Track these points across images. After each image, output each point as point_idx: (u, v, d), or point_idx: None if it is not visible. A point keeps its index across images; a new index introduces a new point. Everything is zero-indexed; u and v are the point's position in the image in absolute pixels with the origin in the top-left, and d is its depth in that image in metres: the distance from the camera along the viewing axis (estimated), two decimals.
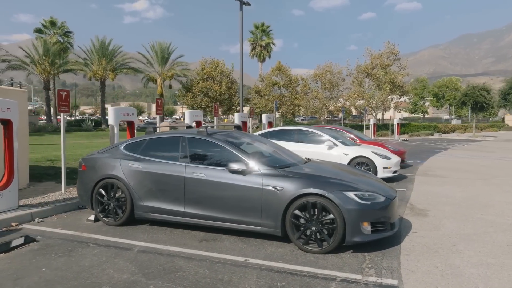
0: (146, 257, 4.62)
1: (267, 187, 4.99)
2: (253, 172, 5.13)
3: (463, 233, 5.69)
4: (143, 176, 5.69)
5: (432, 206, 7.46)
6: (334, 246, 4.71)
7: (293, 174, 5.10)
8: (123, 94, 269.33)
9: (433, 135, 37.38)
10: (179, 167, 5.50)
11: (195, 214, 5.38)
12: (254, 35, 50.24)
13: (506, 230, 5.88)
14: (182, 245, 5.08)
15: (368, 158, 10.02)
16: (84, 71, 42.27)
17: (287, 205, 4.87)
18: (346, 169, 6.05)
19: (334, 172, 5.60)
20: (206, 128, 5.76)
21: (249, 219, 5.09)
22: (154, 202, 5.63)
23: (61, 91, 7.46)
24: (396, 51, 36.50)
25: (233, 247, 5.00)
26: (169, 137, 5.96)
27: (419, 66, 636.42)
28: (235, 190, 5.15)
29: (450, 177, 11.22)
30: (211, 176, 5.30)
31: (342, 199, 4.69)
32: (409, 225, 6.11)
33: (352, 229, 4.65)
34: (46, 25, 44.48)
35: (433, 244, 5.20)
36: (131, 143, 6.11)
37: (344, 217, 4.64)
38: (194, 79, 44.50)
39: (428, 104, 59.12)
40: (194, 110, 11.57)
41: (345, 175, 5.47)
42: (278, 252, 4.85)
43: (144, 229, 5.75)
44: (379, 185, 5.44)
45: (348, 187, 4.87)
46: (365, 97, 36.45)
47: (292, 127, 12.05)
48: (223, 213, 5.22)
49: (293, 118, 48.80)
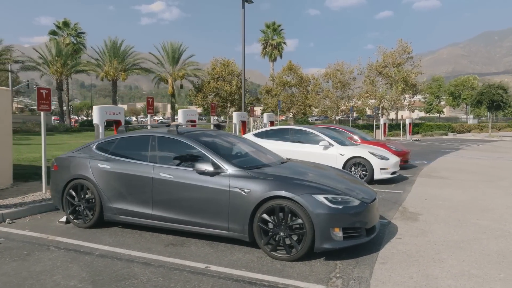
0: (103, 262, 4.39)
1: (234, 189, 4.70)
2: (221, 173, 4.84)
3: (451, 240, 5.28)
4: (112, 177, 5.47)
5: (426, 209, 7.04)
6: (302, 253, 4.38)
7: (262, 175, 4.79)
8: (139, 95, 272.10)
9: (447, 135, 36.40)
10: (147, 168, 5.26)
11: (163, 217, 5.13)
12: (265, 35, 49.94)
13: (499, 237, 5.44)
14: (146, 249, 4.83)
15: (364, 158, 9.61)
16: (96, 72, 42.65)
17: (254, 208, 4.57)
18: (325, 171, 5.69)
19: (308, 173, 5.26)
20: (176, 127, 5.49)
21: (217, 223, 4.81)
22: (122, 203, 5.40)
23: (42, 90, 7.32)
24: (409, 49, 35.62)
25: (199, 253, 4.73)
26: (139, 136, 5.72)
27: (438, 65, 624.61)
28: (202, 192, 4.87)
29: (453, 178, 10.71)
30: (179, 177, 5.03)
31: (311, 203, 4.36)
32: (394, 230, 5.73)
33: (321, 235, 4.32)
34: (60, 26, 45.11)
35: (415, 251, 4.81)
36: (102, 143, 5.90)
37: (312, 222, 4.31)
38: (204, 79, 44.48)
39: (444, 104, 57.61)
40: (188, 109, 11.36)
41: (320, 177, 5.13)
42: (245, 258, 4.55)
43: (113, 232, 5.53)
44: (358, 188, 5.09)
45: (319, 189, 4.53)
46: (377, 96, 35.69)
47: (288, 126, 11.71)
48: (190, 216, 4.95)
49: (305, 117, 48.26)
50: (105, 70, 41.82)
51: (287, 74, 44.72)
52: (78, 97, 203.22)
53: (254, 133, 11.26)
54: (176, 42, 45.40)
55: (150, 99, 10.01)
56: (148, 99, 9.97)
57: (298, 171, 5.31)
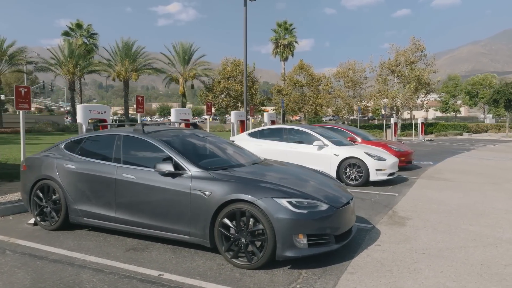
0: (53, 268, 4.15)
1: (195, 192, 4.41)
2: (182, 175, 4.56)
3: (435, 248, 4.87)
4: (77, 177, 5.25)
5: (417, 214, 6.62)
6: (264, 261, 4.06)
7: (226, 177, 4.48)
8: (155, 95, 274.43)
9: (462, 135, 35.34)
10: (111, 168, 5.02)
11: (126, 220, 4.88)
12: (277, 34, 49.46)
13: (488, 245, 5.00)
14: (104, 254, 4.59)
15: (359, 159, 9.20)
16: (108, 72, 43.01)
17: (215, 212, 4.27)
18: (299, 172, 5.33)
19: (278, 175, 4.93)
20: (142, 125, 5.23)
21: (178, 228, 4.53)
22: (86, 205, 5.17)
23: (20, 88, 7.16)
24: (422, 47, 34.70)
25: (158, 259, 4.45)
26: (105, 136, 5.48)
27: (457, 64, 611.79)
28: (163, 194, 4.60)
29: (456, 180, 10.19)
30: (141, 179, 4.77)
31: (272, 207, 4.03)
32: (376, 236, 5.35)
33: (283, 241, 3.99)
34: (73, 27, 45.64)
35: (391, 260, 4.44)
36: (71, 142, 5.69)
37: (274, 227, 3.99)
38: (215, 79, 44.37)
39: (460, 103, 55.97)
40: (181, 108, 11.13)
41: (290, 179, 4.80)
42: (204, 266, 4.25)
43: (78, 235, 5.31)
44: (331, 191, 4.74)
45: (283, 193, 4.19)
46: (389, 95, 34.88)
47: (283, 125, 11.34)
48: (152, 220, 4.69)
49: (319, 117, 47.51)
50: (117, 70, 42.12)
51: (298, 73, 44.20)
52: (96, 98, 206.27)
53: (248, 133, 10.96)
54: (187, 42, 45.46)
55: (140, 98, 9.80)
56: (138, 98, 9.77)
57: (268, 173, 4.98)
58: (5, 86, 72.00)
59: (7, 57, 34.15)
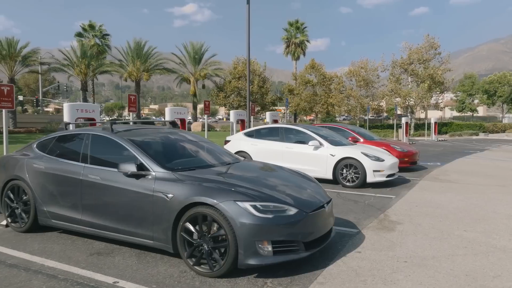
0: (6, 273, 3.96)
1: (157, 194, 4.15)
2: (146, 176, 4.31)
3: (419, 256, 4.51)
4: (45, 178, 5.07)
5: (410, 218, 6.23)
6: (226, 269, 3.77)
7: (190, 178, 4.21)
8: (171, 95, 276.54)
9: (478, 135, 34.31)
10: (78, 168, 4.81)
11: (92, 222, 4.66)
12: (288, 33, 49.05)
13: (479, 253, 4.61)
14: (65, 259, 4.38)
15: (356, 159, 8.82)
16: (120, 72, 43.32)
17: (177, 216, 4.01)
18: (274, 173, 5.03)
19: (248, 177, 4.64)
20: (111, 124, 5.00)
21: (142, 231, 4.29)
22: (55, 207, 4.98)
23: (3, 86, 7.06)
24: (436, 44, 33.77)
25: (119, 264, 4.22)
26: (75, 134, 5.28)
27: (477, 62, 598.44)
28: (126, 196, 4.37)
29: (461, 182, 9.70)
30: (106, 180, 4.55)
31: (234, 211, 3.74)
32: (359, 241, 5.00)
33: (246, 248, 3.70)
34: (85, 28, 46.17)
35: (368, 269, 4.10)
36: (42, 141, 5.51)
37: (235, 233, 3.70)
38: (226, 79, 44.23)
39: (477, 102, 54.35)
40: (176, 107, 10.93)
41: (261, 181, 4.50)
42: (166, 273, 4.00)
43: (47, 238, 5.12)
44: (304, 194, 4.43)
45: (247, 196, 3.89)
46: (401, 94, 34.07)
47: (278, 125, 11.03)
48: (117, 223, 4.46)
49: (332, 117, 46.79)
50: (128, 70, 42.36)
51: (310, 72, 43.70)
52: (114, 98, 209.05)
53: (244, 132, 10.69)
54: (197, 42, 45.51)
55: (132, 97, 9.65)
56: (130, 96, 9.61)
57: (238, 174, 4.69)
58: (24, 87, 73.55)
59: (20, 58, 34.64)
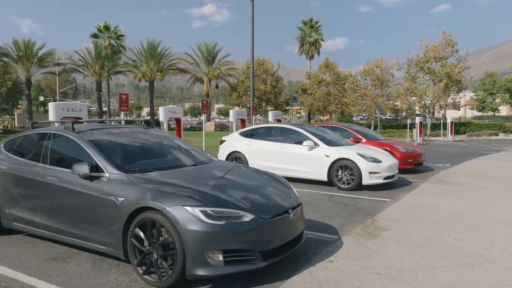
0: None
1: (109, 197, 3.90)
2: (100, 178, 4.07)
3: (396, 267, 4.12)
4: (7, 179, 4.89)
5: (399, 224, 5.81)
6: (174, 279, 3.48)
7: (143, 181, 3.94)
8: (189, 95, 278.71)
9: (497, 135, 33.05)
10: (37, 169, 4.61)
11: (49, 226, 4.45)
12: (302, 32, 48.52)
13: (464, 265, 4.18)
14: (17, 264, 4.17)
15: (351, 160, 8.40)
16: (134, 73, 43.65)
17: (127, 221, 3.75)
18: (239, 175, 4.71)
19: (209, 178, 4.34)
20: (72, 123, 4.76)
21: (95, 236, 4.05)
22: (16, 209, 4.79)
23: (122, 95, 7.10)
24: (453, 42, 32.69)
25: (70, 272, 3.98)
26: (38, 134, 5.07)
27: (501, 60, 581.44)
28: (80, 199, 4.14)
29: (467, 185, 9.16)
30: (62, 181, 4.33)
31: (182, 217, 3.45)
32: (335, 249, 4.64)
33: (194, 257, 3.40)
34: (101, 29, 46.73)
35: (334, 282, 3.74)
36: (9, 141, 5.34)
37: (182, 241, 3.41)
38: (239, 78, 44.05)
39: (499, 101, 52.49)
40: (170, 106, 10.73)
41: (221, 183, 4.21)
42: (115, 281, 3.74)
43: (8, 241, 4.94)
44: (267, 198, 4.11)
45: (197, 200, 3.58)
46: (417, 93, 33.13)
47: (274, 124, 10.67)
48: (72, 227, 4.23)
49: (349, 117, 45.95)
50: (142, 71, 42.64)
51: (324, 71, 43.08)
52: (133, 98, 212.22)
53: (239, 132, 10.40)
54: (210, 42, 45.47)
55: (123, 96, 9.45)
56: (121, 95, 9.43)
57: (198, 176, 4.39)
58: (46, 88, 75.22)
59: (36, 59, 35.28)
